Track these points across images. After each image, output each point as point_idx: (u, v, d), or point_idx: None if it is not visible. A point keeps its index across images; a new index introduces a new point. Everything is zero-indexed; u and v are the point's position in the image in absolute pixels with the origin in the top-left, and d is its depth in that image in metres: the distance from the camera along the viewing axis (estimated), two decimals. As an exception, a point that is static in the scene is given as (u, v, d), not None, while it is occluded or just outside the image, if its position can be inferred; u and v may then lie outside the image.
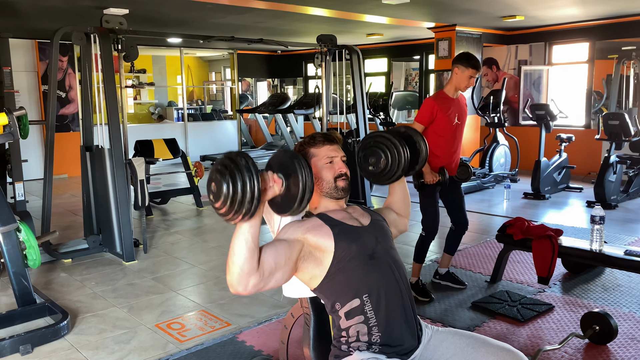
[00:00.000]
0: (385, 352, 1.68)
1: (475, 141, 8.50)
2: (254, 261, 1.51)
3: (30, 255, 3.31)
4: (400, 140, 1.96)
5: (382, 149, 1.97)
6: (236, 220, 1.46)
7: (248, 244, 1.49)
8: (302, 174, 1.54)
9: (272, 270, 1.57)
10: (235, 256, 1.50)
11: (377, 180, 2.04)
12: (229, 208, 1.43)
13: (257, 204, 1.44)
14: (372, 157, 1.99)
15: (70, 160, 8.03)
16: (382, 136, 2.00)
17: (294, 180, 1.55)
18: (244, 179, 1.41)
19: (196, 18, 7.17)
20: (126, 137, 4.61)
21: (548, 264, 3.39)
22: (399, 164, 1.96)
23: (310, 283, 1.73)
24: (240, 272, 1.50)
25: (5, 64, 5.22)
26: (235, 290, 1.53)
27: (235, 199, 1.42)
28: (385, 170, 1.98)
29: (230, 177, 1.42)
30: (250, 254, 1.50)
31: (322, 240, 1.70)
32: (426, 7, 6.57)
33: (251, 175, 1.42)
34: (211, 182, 1.47)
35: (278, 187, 1.55)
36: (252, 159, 1.46)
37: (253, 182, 1.42)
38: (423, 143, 2.08)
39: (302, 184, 1.54)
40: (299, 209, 1.58)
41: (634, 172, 6.42)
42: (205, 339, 3.01)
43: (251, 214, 1.45)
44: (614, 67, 7.50)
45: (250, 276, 1.51)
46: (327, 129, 6.27)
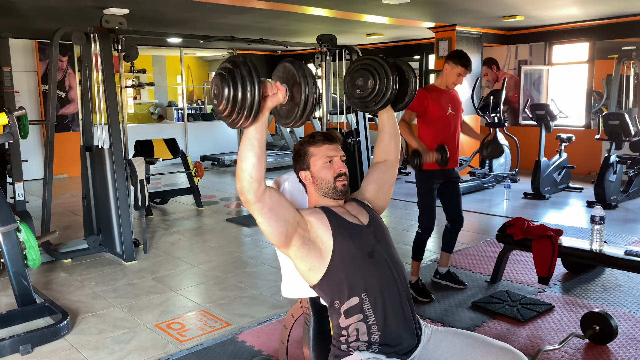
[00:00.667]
0: (385, 352, 1.68)
1: (475, 141, 8.48)
2: (262, 169, 1.56)
3: (30, 255, 3.31)
4: (388, 62, 1.91)
5: (370, 70, 1.91)
6: (240, 122, 1.49)
7: (255, 149, 1.54)
8: (305, 81, 1.57)
9: (275, 207, 1.63)
10: (243, 162, 1.55)
11: (366, 105, 1.96)
12: (231, 109, 1.47)
13: (258, 103, 1.47)
14: (360, 78, 1.93)
15: (70, 160, 8.03)
16: (369, 58, 1.94)
17: (297, 88, 1.59)
18: (244, 79, 1.45)
19: (196, 18, 7.17)
20: (126, 137, 4.61)
21: (548, 264, 3.39)
22: (387, 86, 1.89)
23: (310, 277, 1.73)
24: (250, 179, 1.55)
25: (5, 64, 5.22)
26: (245, 197, 1.57)
27: (236, 99, 1.45)
28: (373, 93, 1.91)
29: (231, 78, 1.46)
30: (258, 160, 1.55)
31: (322, 230, 1.72)
32: (426, 7, 6.57)
33: (250, 72, 1.46)
34: (213, 85, 1.51)
35: (282, 95, 1.59)
36: (253, 62, 1.49)
37: (253, 79, 1.46)
38: (412, 73, 2.00)
39: (305, 91, 1.57)
40: (303, 117, 1.61)
41: (634, 172, 6.42)
42: (205, 339, 3.01)
43: (254, 115, 1.48)
44: (614, 67, 7.50)
45: (259, 185, 1.57)
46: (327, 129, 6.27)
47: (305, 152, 1.86)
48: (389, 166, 2.05)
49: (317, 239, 1.71)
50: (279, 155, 10.49)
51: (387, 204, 2.05)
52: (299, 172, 1.87)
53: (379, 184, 2.01)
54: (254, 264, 4.30)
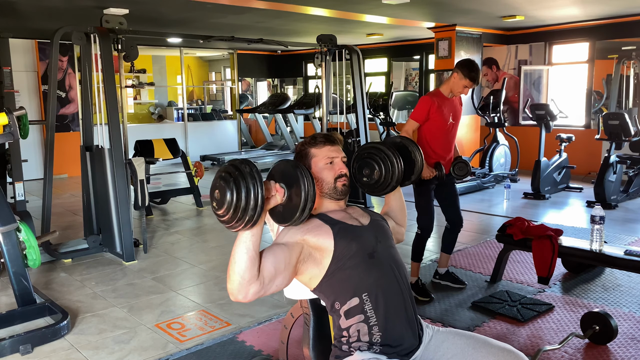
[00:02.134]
0: (386, 353, 1.68)
1: (475, 141, 8.50)
2: (254, 269, 1.51)
3: (30, 255, 3.31)
4: (394, 151, 1.97)
5: (375, 160, 1.97)
6: (238, 228, 1.46)
7: (249, 253, 1.50)
8: (304, 184, 1.54)
9: (272, 277, 1.57)
10: (236, 265, 1.51)
11: (372, 191, 2.04)
12: (232, 215, 1.43)
13: (260, 212, 1.43)
14: (366, 168, 2.00)
15: (70, 160, 8.03)
16: (375, 147, 2.01)
17: (296, 190, 1.55)
18: (248, 187, 1.41)
19: (196, 18, 7.17)
20: (126, 137, 4.61)
21: (548, 264, 3.39)
22: (393, 175, 1.96)
23: (310, 283, 1.73)
24: (241, 281, 1.51)
25: (5, 64, 5.22)
26: (236, 298, 1.53)
27: (238, 207, 1.41)
28: (380, 182, 1.99)
29: (235, 185, 1.41)
30: (251, 263, 1.50)
31: (322, 240, 1.70)
32: (426, 7, 6.57)
33: (255, 183, 1.42)
34: (215, 189, 1.46)
35: (280, 197, 1.56)
36: (256, 167, 1.45)
37: (257, 189, 1.41)
38: (418, 153, 2.08)
39: (304, 194, 1.54)
40: (300, 219, 1.58)
41: (634, 172, 6.42)
42: (205, 339, 3.01)
43: (254, 222, 1.45)
44: (614, 67, 7.50)
45: (250, 284, 1.52)
46: (327, 129, 6.27)
47: (306, 153, 1.86)
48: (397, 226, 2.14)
49: (316, 251, 1.70)
50: (279, 155, 10.49)
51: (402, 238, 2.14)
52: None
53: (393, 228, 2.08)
54: (254, 264, 4.30)
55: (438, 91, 3.54)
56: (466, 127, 8.33)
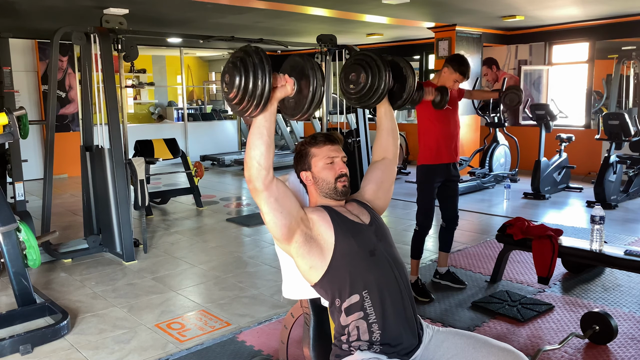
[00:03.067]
0: (387, 352, 1.68)
1: (475, 141, 8.50)
2: (270, 157, 1.58)
3: (30, 255, 3.31)
4: (380, 56, 1.90)
5: (362, 65, 1.90)
6: (249, 110, 1.51)
7: (264, 137, 1.56)
8: (313, 74, 1.60)
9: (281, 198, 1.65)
10: (252, 150, 1.57)
11: (360, 100, 1.93)
12: (241, 97, 1.49)
13: (269, 91, 1.49)
14: (353, 73, 1.92)
15: (70, 160, 8.03)
16: (362, 53, 1.93)
17: (305, 81, 1.61)
18: (255, 67, 1.47)
19: (196, 18, 7.17)
20: (126, 137, 4.61)
21: (548, 264, 3.39)
22: (380, 80, 1.87)
23: (310, 275, 1.73)
24: (258, 167, 1.57)
25: (5, 64, 5.22)
26: (254, 185, 1.59)
27: (247, 88, 1.47)
28: (366, 87, 1.89)
29: (243, 66, 1.47)
30: (267, 148, 1.57)
31: (324, 228, 1.72)
32: (426, 7, 6.57)
33: (262, 60, 1.47)
34: (225, 74, 1.52)
35: (290, 87, 1.61)
36: (265, 53, 1.51)
37: (265, 68, 1.47)
38: (410, 71, 1.99)
39: (314, 85, 1.60)
40: (310, 109, 1.63)
41: (634, 172, 6.42)
42: (205, 339, 3.01)
43: (264, 104, 1.50)
44: (614, 67, 7.50)
45: (267, 173, 1.59)
46: (327, 129, 6.27)
47: (306, 152, 1.86)
48: (388, 164, 2.04)
49: (319, 236, 1.71)
50: (279, 155, 10.48)
51: (387, 204, 2.04)
52: (300, 172, 1.88)
53: (377, 183, 2.00)
54: (254, 264, 4.30)
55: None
56: (466, 127, 8.32)
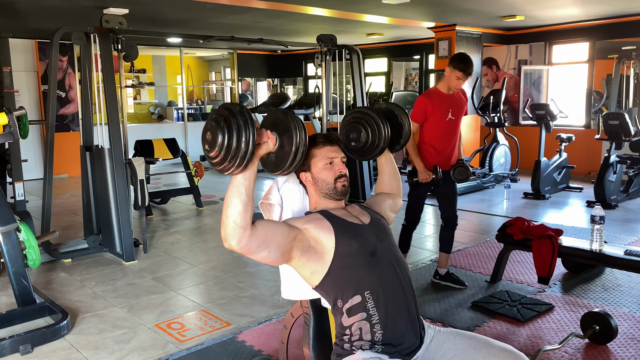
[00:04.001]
0: (388, 352, 1.68)
1: (475, 141, 8.50)
2: (247, 216, 1.53)
3: (30, 255, 3.31)
4: (378, 113, 1.98)
5: (361, 123, 1.99)
6: (230, 170, 1.47)
7: (242, 197, 1.52)
8: (295, 130, 1.57)
9: (263, 240, 1.59)
10: (229, 209, 1.52)
11: (362, 155, 2.04)
12: (223, 156, 1.45)
13: (251, 152, 1.45)
14: (353, 132, 2.01)
15: (70, 160, 8.03)
16: (360, 112, 2.03)
17: (287, 137, 1.58)
18: (239, 126, 1.43)
19: (196, 18, 7.17)
20: (126, 137, 4.61)
21: (548, 264, 3.39)
22: (380, 136, 1.97)
23: (312, 279, 1.73)
24: (234, 226, 1.52)
25: (5, 63, 5.22)
26: (229, 244, 1.54)
27: (230, 147, 1.43)
28: (367, 144, 1.99)
29: (226, 125, 1.43)
30: (244, 208, 1.52)
31: (323, 234, 1.71)
32: (426, 7, 6.57)
33: (246, 122, 1.44)
34: (207, 131, 1.48)
35: (272, 143, 1.58)
36: (247, 108, 1.47)
37: (248, 129, 1.43)
38: (405, 117, 2.08)
39: (296, 140, 1.57)
40: (292, 165, 1.61)
41: (634, 172, 6.42)
42: (205, 339, 3.01)
43: (245, 164, 1.47)
44: (614, 67, 7.50)
45: (244, 231, 1.54)
46: (327, 129, 6.27)
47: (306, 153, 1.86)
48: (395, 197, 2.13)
49: (317, 243, 1.70)
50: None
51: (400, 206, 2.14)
52: (300, 173, 1.88)
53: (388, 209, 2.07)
54: (254, 264, 4.30)
55: (435, 89, 3.59)
56: (466, 127, 8.33)
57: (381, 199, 2.09)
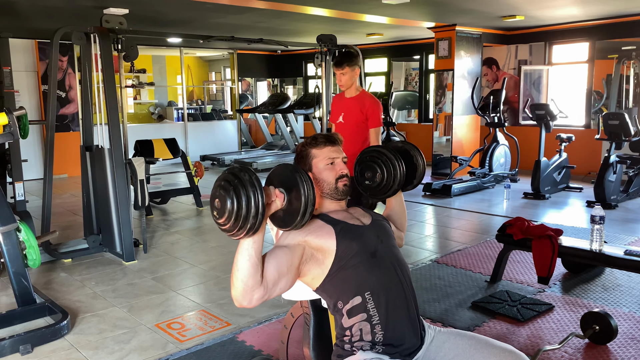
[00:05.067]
0: (389, 353, 1.68)
1: (475, 141, 8.50)
2: (257, 275, 1.51)
3: (30, 255, 3.31)
4: (395, 154, 1.97)
5: (377, 163, 1.98)
6: (240, 236, 1.45)
7: (252, 260, 1.49)
8: (303, 188, 1.53)
9: (276, 281, 1.57)
10: (239, 272, 1.50)
11: (374, 194, 2.04)
12: (233, 224, 1.42)
13: (261, 218, 1.42)
14: (368, 171, 2.01)
15: (70, 160, 8.03)
16: (377, 151, 2.01)
17: (295, 194, 1.54)
18: (248, 195, 1.40)
19: (196, 18, 7.17)
20: (126, 137, 4.61)
21: (548, 264, 3.39)
22: (395, 179, 1.96)
23: (312, 283, 1.73)
24: (245, 287, 1.50)
25: (5, 63, 5.22)
26: (240, 304, 1.53)
27: (240, 215, 1.41)
28: (382, 185, 1.99)
29: (235, 193, 1.41)
30: (254, 269, 1.50)
31: (324, 241, 1.70)
32: (426, 7, 6.57)
33: (255, 190, 1.41)
34: (215, 198, 1.45)
35: (280, 202, 1.55)
36: (256, 174, 1.45)
37: (257, 197, 1.41)
38: (420, 157, 2.07)
39: (305, 198, 1.53)
40: (302, 223, 1.57)
41: (634, 172, 6.42)
42: (205, 339, 3.01)
43: (255, 230, 1.44)
44: (614, 67, 7.50)
45: (254, 290, 1.52)
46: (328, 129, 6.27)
47: (307, 153, 1.86)
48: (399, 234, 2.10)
49: (318, 251, 1.70)
50: (279, 155, 10.49)
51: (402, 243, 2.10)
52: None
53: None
54: (254, 264, 4.29)
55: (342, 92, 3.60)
56: (466, 127, 8.33)
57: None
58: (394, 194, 2.04)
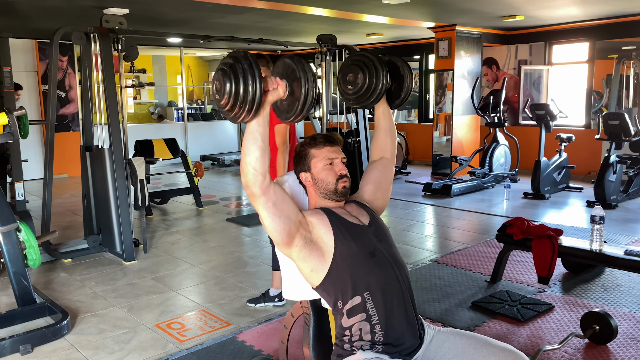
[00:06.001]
0: (389, 352, 1.68)
1: (475, 141, 8.50)
2: (265, 162, 1.57)
3: (30, 255, 3.31)
4: (377, 57, 1.93)
5: (359, 65, 1.94)
6: (242, 116, 1.51)
7: (258, 142, 1.56)
8: (304, 76, 1.59)
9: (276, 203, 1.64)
10: (247, 156, 1.57)
11: (358, 100, 1.97)
12: (232, 103, 1.48)
13: (260, 96, 1.48)
14: (350, 74, 1.96)
15: (70, 160, 8.03)
16: (360, 54, 1.96)
17: (297, 83, 1.61)
18: (244, 73, 1.46)
19: (196, 18, 7.17)
20: (126, 137, 4.61)
21: (548, 264, 3.39)
22: (378, 80, 1.91)
23: (312, 278, 1.73)
24: (254, 172, 1.57)
25: (5, 63, 5.22)
26: (251, 191, 1.59)
27: (238, 94, 1.47)
28: (364, 88, 1.93)
29: (232, 72, 1.47)
30: (262, 153, 1.56)
31: (324, 231, 1.72)
32: (426, 7, 6.57)
33: (251, 65, 1.47)
34: (215, 81, 1.52)
35: (282, 90, 1.60)
36: (253, 55, 1.51)
37: (254, 73, 1.47)
38: (407, 70, 2.01)
39: (306, 86, 1.59)
40: (303, 112, 1.63)
41: (634, 172, 6.42)
42: (205, 339, 3.01)
43: (256, 109, 1.50)
44: (614, 67, 7.50)
45: (264, 178, 1.58)
46: (327, 129, 6.27)
47: (306, 153, 1.86)
48: (386, 164, 2.04)
49: (319, 239, 1.71)
50: (279, 155, 10.47)
51: (386, 204, 2.03)
52: (300, 173, 1.87)
53: (376, 184, 2.00)
54: (254, 264, 4.30)
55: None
56: (466, 127, 8.33)
57: (369, 176, 2.01)
58: (379, 100, 1.98)
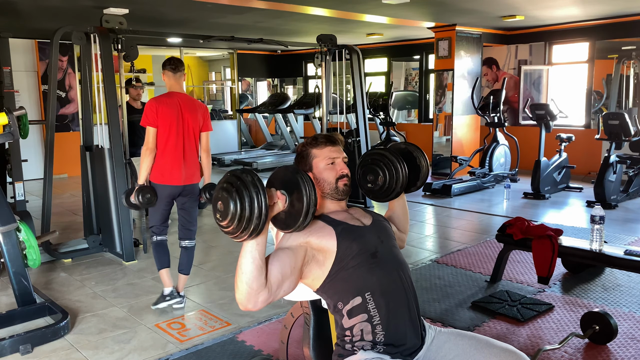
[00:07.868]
0: (390, 353, 1.68)
1: (475, 141, 8.50)
2: (261, 278, 1.51)
3: (30, 255, 3.31)
4: (398, 157, 1.96)
5: (379, 166, 1.97)
6: (243, 238, 1.44)
7: (255, 262, 1.49)
8: (305, 189, 1.53)
9: (280, 283, 1.57)
10: (243, 275, 1.49)
11: (376, 197, 2.03)
12: (236, 226, 1.42)
13: (264, 220, 1.42)
14: (370, 174, 2.00)
15: (70, 160, 8.03)
16: (379, 153, 2.00)
17: (297, 195, 1.54)
18: (251, 196, 1.39)
19: (196, 18, 7.17)
20: (126, 137, 4.61)
21: (548, 264, 3.39)
22: (397, 181, 1.96)
23: (313, 284, 1.73)
24: (249, 290, 1.50)
25: (5, 63, 5.22)
26: (245, 307, 1.52)
27: (243, 217, 1.40)
28: (384, 188, 1.98)
29: (238, 195, 1.40)
30: (258, 272, 1.50)
31: (325, 242, 1.70)
32: (426, 7, 6.57)
33: (258, 191, 1.40)
34: (217, 201, 1.44)
35: (282, 203, 1.54)
36: (257, 175, 1.44)
37: (260, 198, 1.40)
38: (423, 159, 2.06)
39: (306, 199, 1.53)
40: (304, 224, 1.56)
41: (634, 172, 6.42)
42: (205, 339, 3.01)
43: (258, 232, 1.43)
44: (614, 67, 7.50)
45: (259, 293, 1.51)
46: (327, 129, 6.28)
47: (307, 153, 1.86)
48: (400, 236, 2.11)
49: (319, 253, 1.70)
50: (279, 155, 10.49)
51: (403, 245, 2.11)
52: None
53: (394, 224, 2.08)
54: (254, 264, 4.29)
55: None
56: (466, 127, 8.33)
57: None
58: (397, 197, 2.02)
